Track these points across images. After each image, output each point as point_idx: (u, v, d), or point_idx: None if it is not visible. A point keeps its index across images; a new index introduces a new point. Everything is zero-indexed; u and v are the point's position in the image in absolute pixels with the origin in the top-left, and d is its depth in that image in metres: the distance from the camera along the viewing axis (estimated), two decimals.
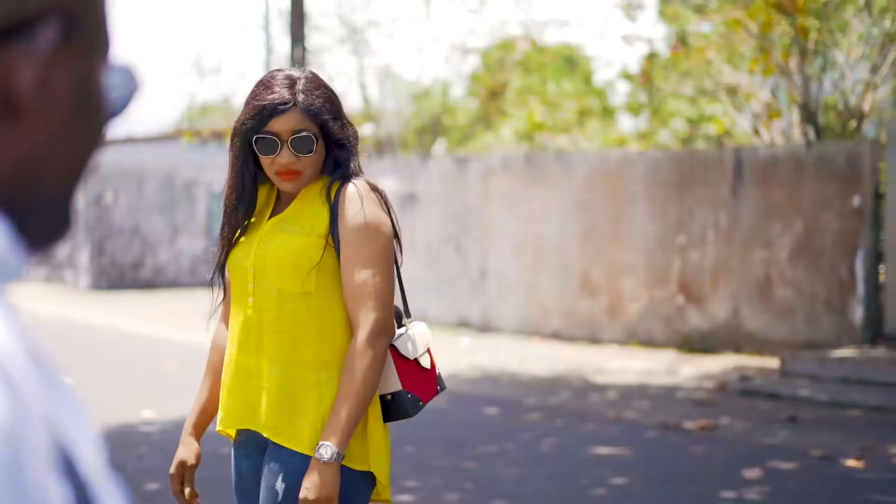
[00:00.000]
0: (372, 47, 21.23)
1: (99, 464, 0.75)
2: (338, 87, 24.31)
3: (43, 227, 0.79)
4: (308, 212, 2.87)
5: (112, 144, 26.39)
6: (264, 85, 2.86)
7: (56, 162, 0.78)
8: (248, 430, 2.90)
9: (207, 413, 3.05)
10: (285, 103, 2.81)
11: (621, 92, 20.10)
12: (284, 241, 2.84)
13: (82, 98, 0.79)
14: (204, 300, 17.27)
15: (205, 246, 22.96)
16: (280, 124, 2.81)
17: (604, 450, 7.36)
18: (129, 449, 7.39)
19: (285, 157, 2.81)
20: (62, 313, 17.60)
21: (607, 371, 10.89)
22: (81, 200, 22.09)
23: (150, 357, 12.20)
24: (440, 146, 21.24)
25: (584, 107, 18.84)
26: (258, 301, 2.86)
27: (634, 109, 18.35)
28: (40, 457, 0.67)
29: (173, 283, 22.32)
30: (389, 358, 2.90)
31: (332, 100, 2.88)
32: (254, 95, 2.86)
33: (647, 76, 16.04)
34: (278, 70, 2.90)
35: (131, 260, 22.33)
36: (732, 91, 13.84)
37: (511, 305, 13.75)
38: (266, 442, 2.86)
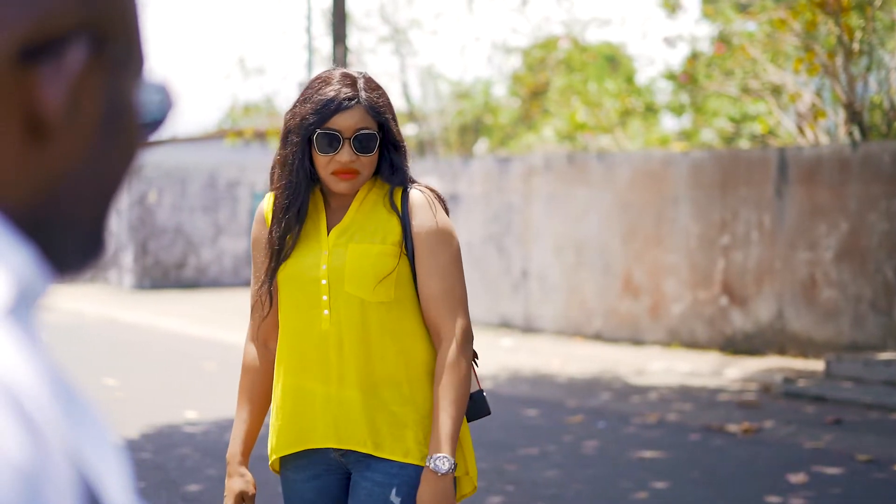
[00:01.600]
0: (414, 47, 21.19)
1: (127, 497, 0.73)
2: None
3: (74, 250, 0.77)
4: (375, 219, 2.79)
5: (156, 145, 26.55)
6: (324, 81, 2.77)
7: (87, 183, 0.76)
8: (313, 451, 2.82)
9: (252, 438, 2.94)
10: (350, 99, 2.73)
11: (664, 91, 19.99)
12: (361, 249, 2.75)
13: (114, 117, 0.77)
14: (246, 300, 17.28)
15: (248, 246, 23.05)
16: (343, 120, 2.72)
17: (646, 452, 7.31)
18: (171, 450, 7.42)
19: (346, 155, 2.72)
20: (106, 313, 17.73)
21: (649, 372, 10.82)
22: (125, 200, 22.24)
23: (192, 357, 12.25)
24: (482, 146, 21.22)
25: (627, 106, 18.75)
26: (337, 314, 2.74)
27: (677, 109, 18.25)
28: (63, 494, 0.66)
29: (216, 283, 22.43)
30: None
31: (390, 101, 2.83)
32: (314, 91, 2.76)
33: (689, 76, 15.94)
34: (333, 69, 2.82)
35: (175, 260, 22.47)
36: (777, 90, 13.72)
37: (553, 306, 13.71)
38: (342, 462, 2.81)
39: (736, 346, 11.79)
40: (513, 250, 14.23)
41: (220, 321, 16.13)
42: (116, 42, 0.77)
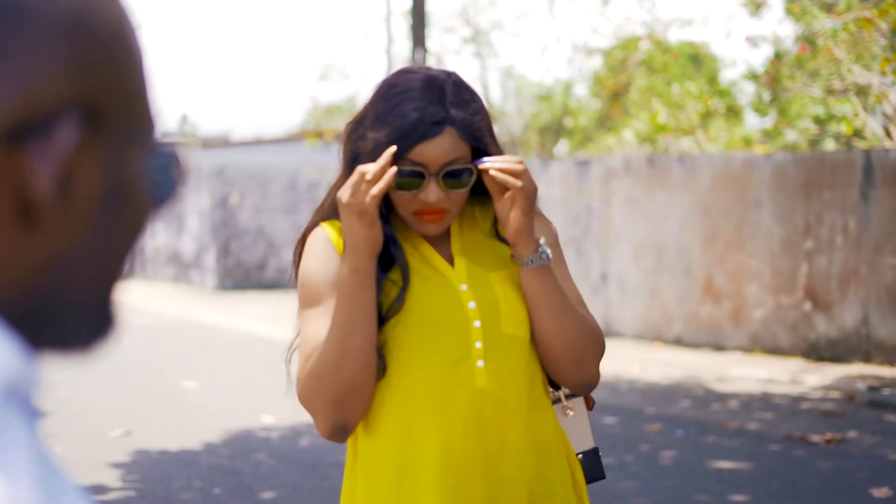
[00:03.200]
0: (495, 48, 21.15)
1: None
2: None
3: (79, 329, 0.74)
4: (488, 243, 2.27)
5: (239, 146, 26.84)
6: (402, 93, 2.13)
7: (88, 262, 0.73)
8: None
9: None
10: (438, 123, 2.10)
11: (747, 91, 19.72)
12: (501, 277, 2.21)
13: (116, 193, 0.74)
14: None
15: None
16: (430, 151, 2.10)
17: (724, 463, 7.18)
18: (247, 455, 7.45)
19: (433, 193, 2.12)
20: (188, 314, 17.93)
21: (730, 379, 10.66)
22: (208, 202, 22.50)
23: (272, 360, 12.31)
24: (562, 148, 21.10)
25: (708, 107, 18.52)
26: (496, 364, 2.15)
27: (760, 110, 17.99)
28: None
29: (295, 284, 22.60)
30: (584, 410, 2.37)
31: (485, 110, 2.21)
32: (390, 106, 2.13)
33: (772, 78, 15.69)
34: (412, 70, 2.19)
35: (256, 261, 22.66)
36: (862, 91, 13.45)
37: (632, 310, 13.57)
38: None
39: (819, 352, 11.57)
40: (592, 253, 14.12)
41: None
42: (116, 116, 0.73)
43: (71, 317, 0.73)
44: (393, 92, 2.14)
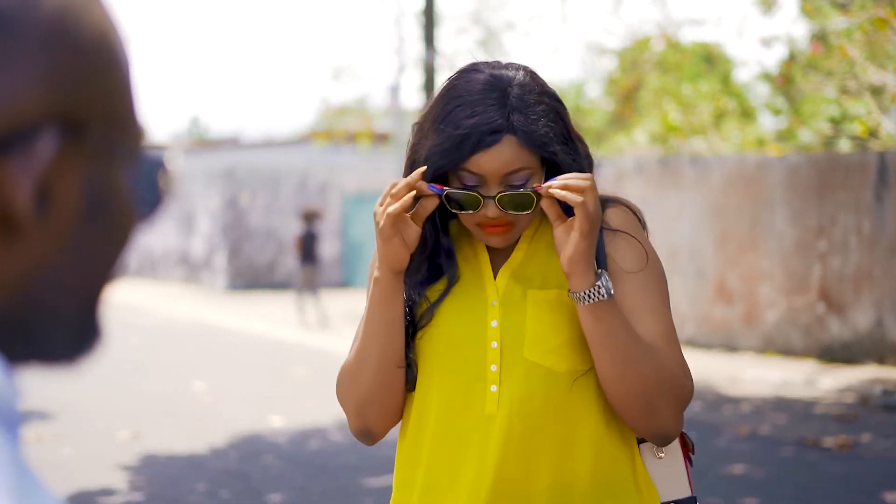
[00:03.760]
0: (506, 49, 21.08)
1: None
2: None
3: (63, 342, 0.73)
4: (555, 257, 2.00)
5: (249, 148, 26.82)
6: (459, 96, 1.93)
7: (71, 274, 0.72)
8: None
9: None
10: (496, 132, 1.88)
11: (761, 92, 19.64)
12: (545, 298, 1.96)
13: (98, 205, 0.73)
14: (334, 304, 17.40)
15: (338, 249, 23.16)
16: (485, 161, 1.89)
17: (736, 467, 7.11)
18: (255, 458, 7.40)
19: (492, 210, 1.91)
20: (199, 315, 17.91)
21: (743, 381, 10.58)
22: (218, 202, 22.49)
23: (281, 361, 12.28)
24: None
25: (721, 108, 18.44)
26: (510, 391, 1.93)
27: (774, 109, 17.92)
28: None
29: None
30: (679, 453, 2.07)
31: (558, 113, 1.95)
32: (447, 111, 1.92)
33: (785, 79, 15.61)
34: (476, 69, 1.96)
35: (266, 262, 22.65)
36: (877, 91, 13.36)
37: None
38: None
39: (833, 354, 11.48)
40: None
41: (309, 325, 16.17)
42: (97, 127, 0.72)
43: (53, 329, 0.72)
44: (451, 95, 1.94)
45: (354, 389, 2.01)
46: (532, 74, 1.96)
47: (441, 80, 2.07)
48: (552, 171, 1.95)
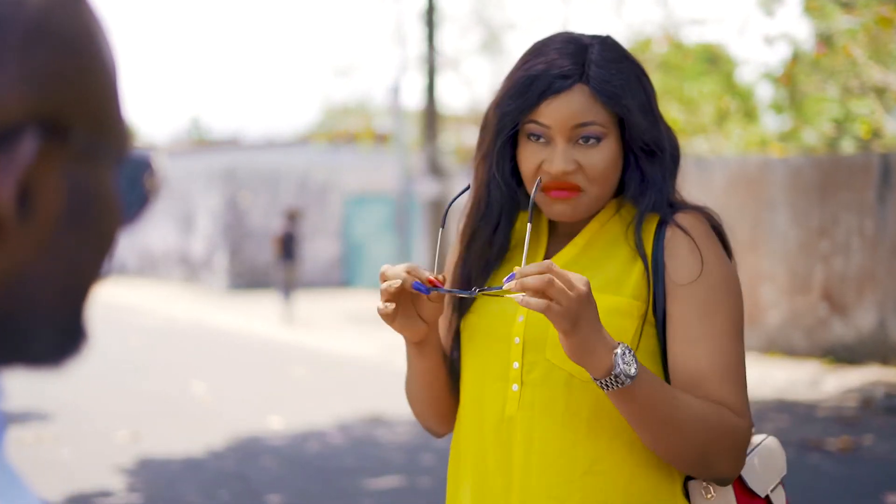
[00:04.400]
0: (507, 48, 21.06)
1: None
2: (475, 91, 24.27)
3: (47, 344, 0.72)
4: (613, 256, 1.84)
5: (249, 148, 26.80)
6: (538, 49, 1.82)
7: (54, 276, 0.71)
8: None
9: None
10: (566, 77, 1.76)
11: (764, 92, 19.61)
12: None
13: (82, 206, 0.72)
14: (337, 303, 17.37)
15: (338, 249, 23.13)
16: (554, 110, 1.76)
17: None
18: (254, 459, 7.36)
19: (559, 162, 1.77)
20: (199, 316, 17.88)
21: None
22: (219, 202, 22.46)
23: (281, 362, 12.24)
24: None
25: (724, 108, 18.40)
26: (531, 392, 1.78)
27: (778, 108, 17.88)
28: None
29: (307, 285, 22.55)
30: (730, 494, 1.85)
31: (640, 79, 1.82)
32: (521, 63, 1.82)
33: (789, 78, 15.57)
34: (562, 32, 1.86)
35: (266, 262, 22.63)
36: (881, 91, 13.32)
37: None
38: None
39: (836, 355, 11.44)
40: None
41: (309, 325, 16.15)
42: (80, 128, 0.71)
43: (37, 331, 0.72)
44: (532, 48, 1.84)
45: (411, 402, 1.99)
46: (617, 43, 1.84)
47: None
48: (629, 142, 1.81)
